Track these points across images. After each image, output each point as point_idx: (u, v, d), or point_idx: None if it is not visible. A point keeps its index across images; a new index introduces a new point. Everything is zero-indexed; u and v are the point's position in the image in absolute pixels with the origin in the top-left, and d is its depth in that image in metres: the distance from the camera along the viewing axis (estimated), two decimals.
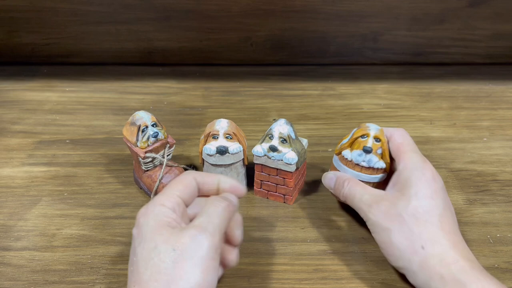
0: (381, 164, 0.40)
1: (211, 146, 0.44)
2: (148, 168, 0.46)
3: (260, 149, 0.44)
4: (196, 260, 0.29)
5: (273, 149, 0.43)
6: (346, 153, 0.41)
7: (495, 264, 0.41)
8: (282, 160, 0.43)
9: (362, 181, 0.41)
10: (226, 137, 0.45)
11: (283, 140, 0.43)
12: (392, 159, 0.41)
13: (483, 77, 0.71)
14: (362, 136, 0.41)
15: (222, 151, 0.44)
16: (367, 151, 0.40)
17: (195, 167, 0.52)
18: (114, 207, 0.47)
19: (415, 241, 0.35)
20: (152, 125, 0.45)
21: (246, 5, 0.68)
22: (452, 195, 0.49)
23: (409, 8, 0.68)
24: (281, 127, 0.44)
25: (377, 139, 0.40)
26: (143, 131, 0.45)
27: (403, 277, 0.38)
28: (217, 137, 0.45)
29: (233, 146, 0.44)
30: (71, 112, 0.63)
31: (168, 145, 0.47)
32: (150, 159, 0.46)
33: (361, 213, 0.39)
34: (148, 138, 0.45)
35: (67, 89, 0.69)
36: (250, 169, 0.48)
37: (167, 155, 0.47)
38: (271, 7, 0.68)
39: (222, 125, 0.45)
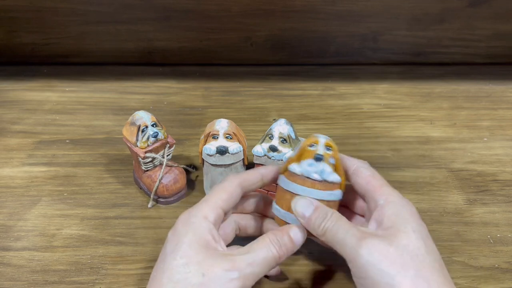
0: (336, 177, 0.34)
1: (211, 146, 0.44)
2: (148, 168, 0.46)
3: (260, 149, 0.44)
4: None
5: (273, 149, 0.43)
6: (294, 166, 0.34)
7: (495, 264, 0.41)
8: (282, 160, 0.43)
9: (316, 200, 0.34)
10: (226, 137, 0.45)
11: (283, 140, 0.43)
12: (347, 187, 0.36)
13: (483, 77, 0.71)
14: (311, 145, 0.35)
15: (222, 151, 0.44)
16: (318, 158, 0.34)
17: (195, 167, 0.52)
18: (114, 207, 0.47)
19: None
20: (152, 125, 0.45)
21: (246, 5, 0.68)
22: (452, 195, 0.49)
23: (409, 8, 0.68)
24: (281, 127, 0.43)
25: (328, 147, 0.35)
26: (143, 131, 0.45)
27: None
28: (217, 137, 0.45)
29: (233, 146, 0.44)
30: (71, 112, 0.63)
31: (168, 145, 0.47)
32: (150, 159, 0.46)
33: (346, 250, 0.30)
34: (148, 138, 0.45)
35: (67, 89, 0.69)
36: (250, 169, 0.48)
37: (167, 155, 0.47)
38: (271, 7, 0.68)
39: (222, 125, 0.45)
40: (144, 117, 0.45)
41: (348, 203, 0.38)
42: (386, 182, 0.35)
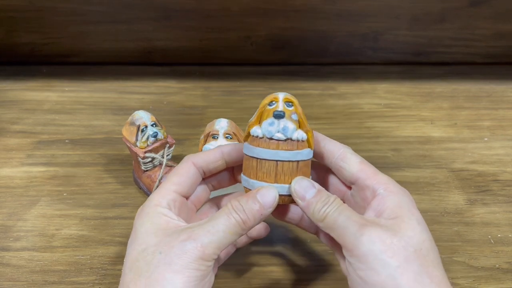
0: (301, 134, 0.31)
1: (211, 146, 0.44)
2: (148, 168, 0.46)
3: None
4: (178, 268, 0.27)
5: None
6: (255, 129, 0.32)
7: (496, 265, 0.41)
8: None
9: (283, 162, 0.31)
10: (226, 137, 0.45)
11: None
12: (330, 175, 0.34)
13: (484, 77, 0.71)
14: (270, 103, 0.32)
15: None
16: (278, 115, 0.31)
17: None
18: (114, 207, 0.47)
19: (426, 287, 0.27)
20: (152, 125, 0.45)
21: (246, 4, 0.68)
22: (453, 195, 0.48)
23: (409, 8, 0.68)
24: None
25: (288, 103, 0.32)
26: (142, 131, 0.45)
27: None
28: (217, 137, 0.45)
29: None
30: (70, 112, 0.63)
31: (168, 145, 0.47)
32: (149, 159, 0.46)
33: (346, 237, 0.28)
34: (147, 138, 0.45)
35: (67, 89, 0.69)
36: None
37: (167, 155, 0.47)
38: (271, 6, 0.68)
39: (222, 125, 0.45)
40: (143, 117, 0.45)
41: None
42: (377, 169, 0.33)
